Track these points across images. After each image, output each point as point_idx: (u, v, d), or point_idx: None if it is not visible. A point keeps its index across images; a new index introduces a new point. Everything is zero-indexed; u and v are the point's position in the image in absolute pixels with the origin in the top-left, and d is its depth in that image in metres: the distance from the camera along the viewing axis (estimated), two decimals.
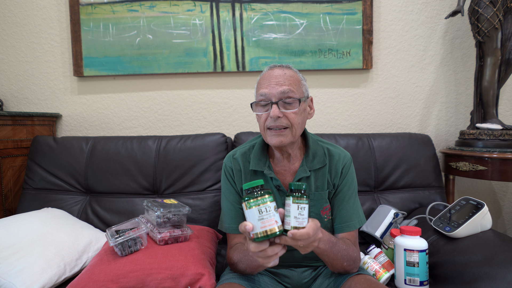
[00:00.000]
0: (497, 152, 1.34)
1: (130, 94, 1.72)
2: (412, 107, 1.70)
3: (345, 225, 0.91)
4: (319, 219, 0.89)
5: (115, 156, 1.41)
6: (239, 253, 0.87)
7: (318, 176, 0.92)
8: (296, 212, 0.63)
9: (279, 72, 0.86)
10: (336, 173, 0.92)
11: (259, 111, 0.87)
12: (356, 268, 0.88)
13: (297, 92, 0.85)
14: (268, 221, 0.61)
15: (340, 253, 0.82)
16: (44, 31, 1.70)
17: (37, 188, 1.42)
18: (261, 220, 0.60)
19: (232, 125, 1.71)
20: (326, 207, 0.92)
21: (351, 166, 0.94)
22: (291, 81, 0.85)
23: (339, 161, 0.93)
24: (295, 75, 0.87)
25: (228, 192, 0.96)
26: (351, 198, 0.93)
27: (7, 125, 1.45)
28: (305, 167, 0.90)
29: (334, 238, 0.82)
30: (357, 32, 1.63)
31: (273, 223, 0.61)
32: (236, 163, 0.95)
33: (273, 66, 0.89)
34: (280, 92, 0.83)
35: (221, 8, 1.63)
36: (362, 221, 0.93)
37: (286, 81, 0.84)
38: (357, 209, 0.93)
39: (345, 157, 0.94)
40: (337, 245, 0.81)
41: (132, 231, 0.98)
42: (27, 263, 0.95)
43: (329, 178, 0.92)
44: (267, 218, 0.61)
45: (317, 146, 0.94)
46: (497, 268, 0.84)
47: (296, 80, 0.86)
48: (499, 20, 1.40)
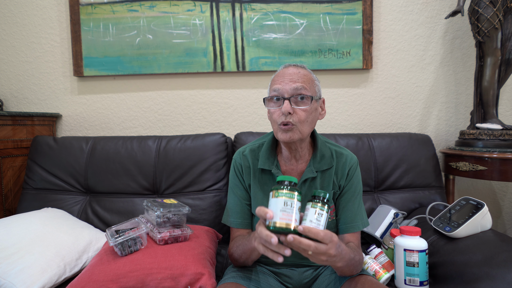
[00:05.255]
0: (497, 152, 1.34)
1: (130, 94, 1.72)
2: (412, 107, 1.70)
3: (349, 225, 0.91)
4: None
5: (115, 156, 1.41)
6: (239, 240, 0.90)
7: (325, 177, 0.93)
8: (313, 217, 0.63)
9: (293, 70, 0.87)
10: (342, 175, 0.93)
11: (272, 106, 0.88)
12: (359, 271, 0.89)
13: (309, 90, 0.85)
14: (288, 216, 0.61)
15: (354, 265, 0.81)
16: (44, 31, 1.70)
17: (37, 188, 1.42)
18: (283, 212, 0.60)
19: (232, 125, 1.71)
20: (330, 207, 0.92)
21: (357, 168, 0.95)
22: (304, 79, 0.86)
23: (346, 163, 0.94)
24: (309, 75, 0.88)
25: (236, 187, 0.97)
26: (356, 200, 0.93)
27: (7, 125, 1.45)
28: (312, 167, 0.91)
29: (353, 253, 0.79)
30: (357, 32, 1.63)
31: (292, 220, 0.61)
32: (246, 160, 0.97)
33: (288, 65, 0.90)
34: (293, 88, 0.84)
35: (221, 8, 1.63)
36: (366, 224, 0.93)
37: (300, 79, 0.85)
38: (361, 211, 0.93)
39: (352, 159, 0.95)
40: (353, 260, 0.79)
41: (132, 231, 0.98)
42: (27, 263, 0.95)
43: (335, 179, 0.93)
44: (289, 213, 0.61)
45: (325, 147, 0.95)
46: (497, 268, 0.84)
47: (309, 79, 0.87)
48: (499, 20, 1.40)
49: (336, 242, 0.67)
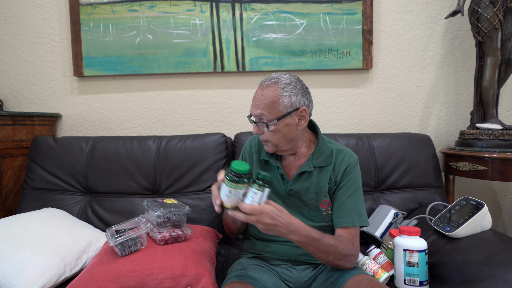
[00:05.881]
0: (497, 152, 1.34)
1: (130, 94, 1.72)
2: (412, 107, 1.70)
3: (342, 220, 0.93)
4: (318, 211, 0.96)
5: (115, 156, 1.41)
6: None
7: (322, 173, 0.97)
8: (251, 196, 0.78)
9: (259, 93, 0.91)
10: (339, 171, 0.97)
11: None
12: (350, 264, 0.89)
13: (270, 115, 0.89)
14: (231, 200, 0.78)
15: (323, 247, 0.84)
16: (44, 31, 1.70)
17: (37, 188, 1.42)
18: (227, 197, 0.78)
19: (232, 125, 1.71)
20: (325, 201, 0.97)
21: (356, 166, 0.98)
22: (265, 103, 0.89)
23: (344, 160, 0.98)
24: (273, 94, 0.89)
25: None
26: (352, 196, 0.95)
27: (7, 125, 1.45)
28: (310, 163, 0.96)
29: (317, 234, 0.84)
30: (357, 32, 1.63)
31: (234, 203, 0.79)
32: (256, 147, 1.06)
33: (260, 84, 0.94)
34: (256, 115, 0.92)
35: (221, 8, 1.63)
36: (364, 222, 0.94)
37: (261, 104, 0.90)
38: (358, 208, 0.94)
39: (351, 157, 0.98)
40: (319, 241, 0.83)
41: (132, 231, 0.98)
42: (27, 263, 0.95)
43: (332, 175, 0.97)
44: (232, 198, 0.78)
45: (326, 146, 1.00)
46: (497, 268, 0.84)
47: (272, 102, 0.89)
48: (499, 20, 1.40)
49: (267, 213, 0.76)
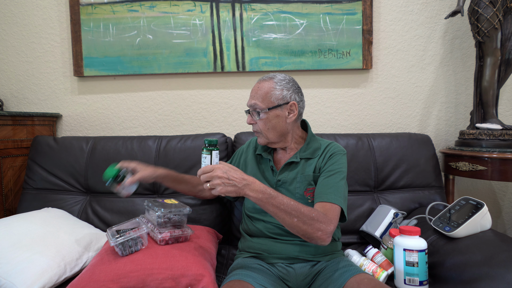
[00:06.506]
0: (496, 152, 1.34)
1: (130, 94, 1.72)
2: (412, 107, 1.71)
3: (318, 196, 0.94)
4: (303, 200, 1.00)
5: (115, 156, 1.41)
6: None
7: (308, 163, 1.03)
8: (202, 160, 0.91)
9: (256, 86, 1.02)
10: (323, 159, 1.03)
11: None
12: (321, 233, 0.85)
13: (262, 104, 0.99)
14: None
15: (284, 206, 0.84)
16: (44, 31, 1.70)
17: (37, 188, 1.42)
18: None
19: (232, 125, 1.71)
20: (310, 189, 1.01)
21: (341, 155, 1.03)
22: (259, 94, 1.00)
23: (329, 150, 1.04)
24: (267, 87, 0.99)
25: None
26: (332, 177, 0.97)
27: (7, 125, 1.45)
28: (297, 155, 1.04)
29: (275, 192, 0.86)
30: (357, 32, 1.63)
31: None
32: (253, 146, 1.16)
33: (258, 80, 1.04)
34: (250, 105, 1.02)
35: (221, 8, 1.63)
36: (339, 202, 0.92)
37: (255, 95, 1.00)
38: (337, 188, 0.95)
39: (336, 148, 1.04)
40: (277, 198, 0.85)
41: (133, 231, 0.98)
42: (28, 263, 0.95)
43: (317, 164, 1.03)
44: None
45: (314, 142, 1.07)
46: (496, 268, 0.84)
47: (265, 92, 0.99)
48: (498, 20, 1.40)
49: (218, 168, 0.84)
